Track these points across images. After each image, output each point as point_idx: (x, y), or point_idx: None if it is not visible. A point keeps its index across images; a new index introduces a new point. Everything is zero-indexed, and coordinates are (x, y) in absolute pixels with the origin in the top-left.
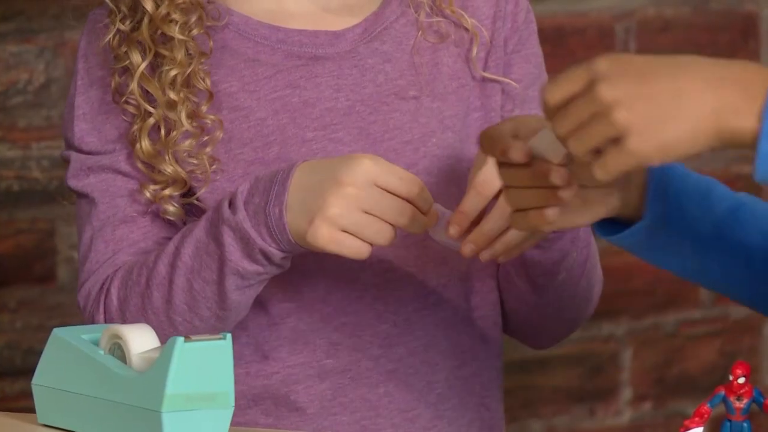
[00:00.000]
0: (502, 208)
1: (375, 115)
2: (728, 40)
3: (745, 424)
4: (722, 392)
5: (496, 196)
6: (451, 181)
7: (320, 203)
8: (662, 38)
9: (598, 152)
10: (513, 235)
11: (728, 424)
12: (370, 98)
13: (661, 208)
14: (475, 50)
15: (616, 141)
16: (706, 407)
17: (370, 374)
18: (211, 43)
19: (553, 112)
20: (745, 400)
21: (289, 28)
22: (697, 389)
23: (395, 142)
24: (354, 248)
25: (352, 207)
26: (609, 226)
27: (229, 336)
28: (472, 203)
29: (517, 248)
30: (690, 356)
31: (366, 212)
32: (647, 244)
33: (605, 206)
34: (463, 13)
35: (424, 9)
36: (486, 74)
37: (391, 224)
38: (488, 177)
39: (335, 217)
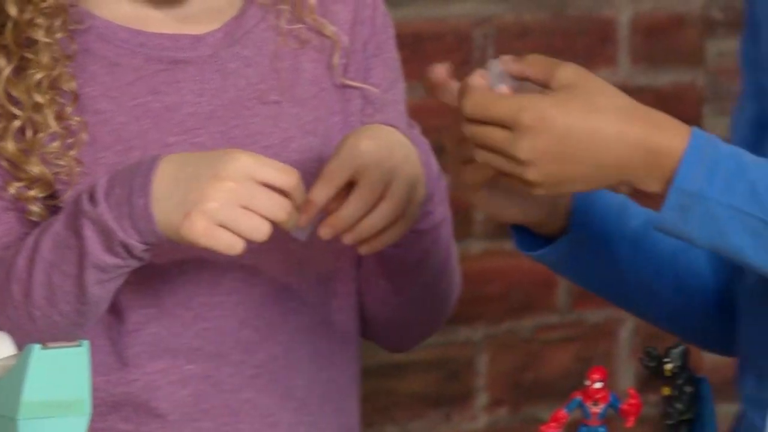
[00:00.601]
0: (360, 194)
1: (237, 119)
2: (586, 45)
3: (601, 429)
4: (579, 397)
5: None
6: (312, 186)
7: (197, 196)
8: (521, 44)
9: None
10: (375, 220)
11: (585, 429)
12: (231, 103)
13: (585, 222)
14: (336, 58)
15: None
16: (563, 412)
17: (232, 380)
18: (75, 46)
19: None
20: (602, 405)
21: (149, 31)
22: (554, 394)
23: (257, 146)
24: (228, 243)
25: (231, 201)
26: (529, 242)
27: (86, 343)
28: (320, 191)
29: (379, 240)
30: (546, 361)
31: (244, 207)
32: (570, 258)
33: (535, 207)
34: (323, 21)
35: (284, 15)
36: (347, 81)
37: (267, 219)
38: (337, 166)
39: (213, 211)
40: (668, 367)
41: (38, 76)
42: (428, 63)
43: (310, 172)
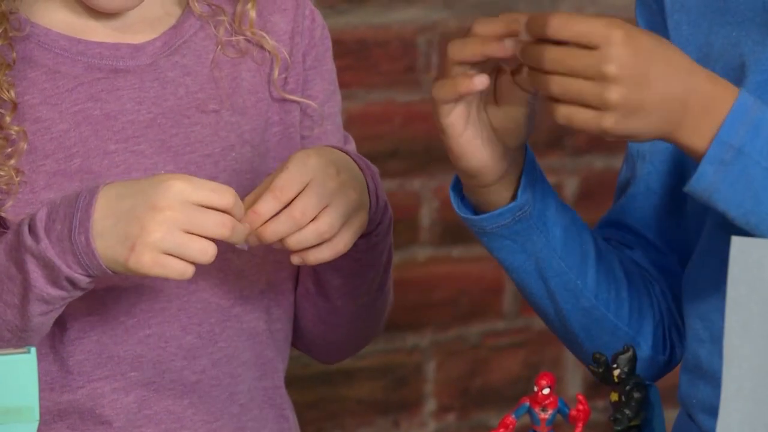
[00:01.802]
0: (292, 214)
1: (176, 128)
2: None
3: None
4: (527, 403)
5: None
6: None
7: (138, 230)
8: None
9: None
10: (299, 238)
11: None
12: (171, 111)
13: (531, 195)
14: (276, 73)
15: (593, 106)
16: (511, 418)
17: (174, 386)
18: (14, 54)
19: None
20: (550, 411)
21: (89, 40)
22: (502, 400)
23: (196, 155)
24: (179, 270)
25: (173, 229)
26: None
27: (33, 350)
28: (267, 206)
29: (306, 254)
30: (494, 367)
31: (187, 232)
32: (509, 230)
33: (499, 156)
34: (264, 34)
35: (223, 26)
36: (286, 95)
37: (211, 239)
38: (286, 182)
39: (158, 242)
40: (616, 372)
41: None
42: (372, 69)
43: (247, 181)
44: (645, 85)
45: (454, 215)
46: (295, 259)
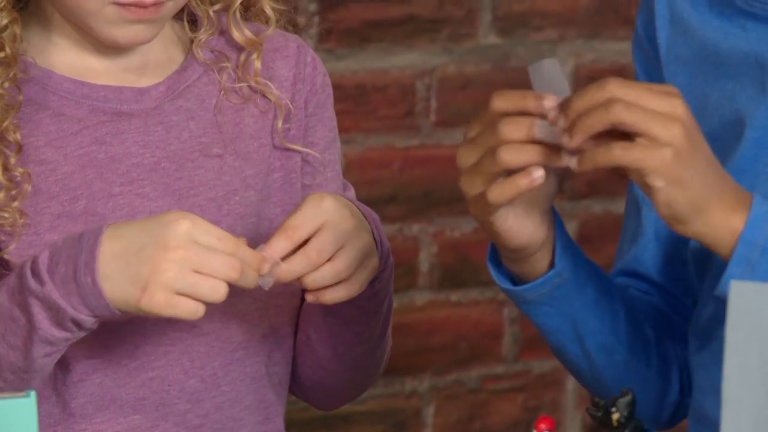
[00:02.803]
0: (308, 254)
1: (180, 171)
2: None
3: None
4: None
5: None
6: (252, 240)
7: (150, 270)
8: (462, 95)
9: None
10: (316, 277)
11: None
12: (175, 155)
13: (567, 259)
14: (280, 122)
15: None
16: None
17: (178, 429)
18: (21, 96)
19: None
20: None
21: (93, 83)
22: None
23: (200, 198)
24: (191, 309)
25: (185, 269)
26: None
27: (33, 393)
28: (278, 245)
29: (321, 294)
30: (493, 411)
31: (197, 272)
32: (549, 296)
33: (542, 228)
34: (268, 83)
35: (227, 72)
36: (290, 145)
37: (222, 280)
38: (299, 222)
39: (170, 282)
40: (615, 417)
41: None
42: (371, 114)
43: (251, 225)
44: (701, 141)
45: (453, 259)
46: (310, 298)
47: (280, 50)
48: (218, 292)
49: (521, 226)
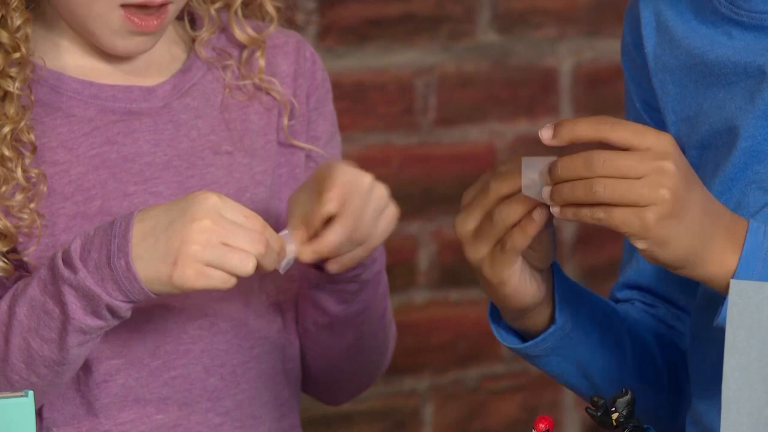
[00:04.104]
0: (344, 223)
1: (192, 169)
2: (528, 94)
3: None
4: None
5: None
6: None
7: (178, 243)
8: (462, 93)
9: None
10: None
11: None
12: (186, 153)
13: (567, 311)
14: (285, 119)
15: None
16: None
17: (200, 428)
18: (32, 96)
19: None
20: None
21: (100, 83)
22: None
23: None
24: (223, 278)
25: (212, 240)
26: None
27: (31, 393)
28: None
29: (348, 257)
30: (492, 411)
31: (225, 244)
32: (553, 348)
33: (545, 284)
34: (272, 80)
35: (231, 70)
36: (295, 142)
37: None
38: (339, 185)
39: (198, 253)
40: (614, 416)
41: (6, 129)
42: (370, 112)
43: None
44: (691, 189)
45: (452, 258)
46: (335, 267)
47: (280, 46)
48: (247, 264)
49: (526, 286)
